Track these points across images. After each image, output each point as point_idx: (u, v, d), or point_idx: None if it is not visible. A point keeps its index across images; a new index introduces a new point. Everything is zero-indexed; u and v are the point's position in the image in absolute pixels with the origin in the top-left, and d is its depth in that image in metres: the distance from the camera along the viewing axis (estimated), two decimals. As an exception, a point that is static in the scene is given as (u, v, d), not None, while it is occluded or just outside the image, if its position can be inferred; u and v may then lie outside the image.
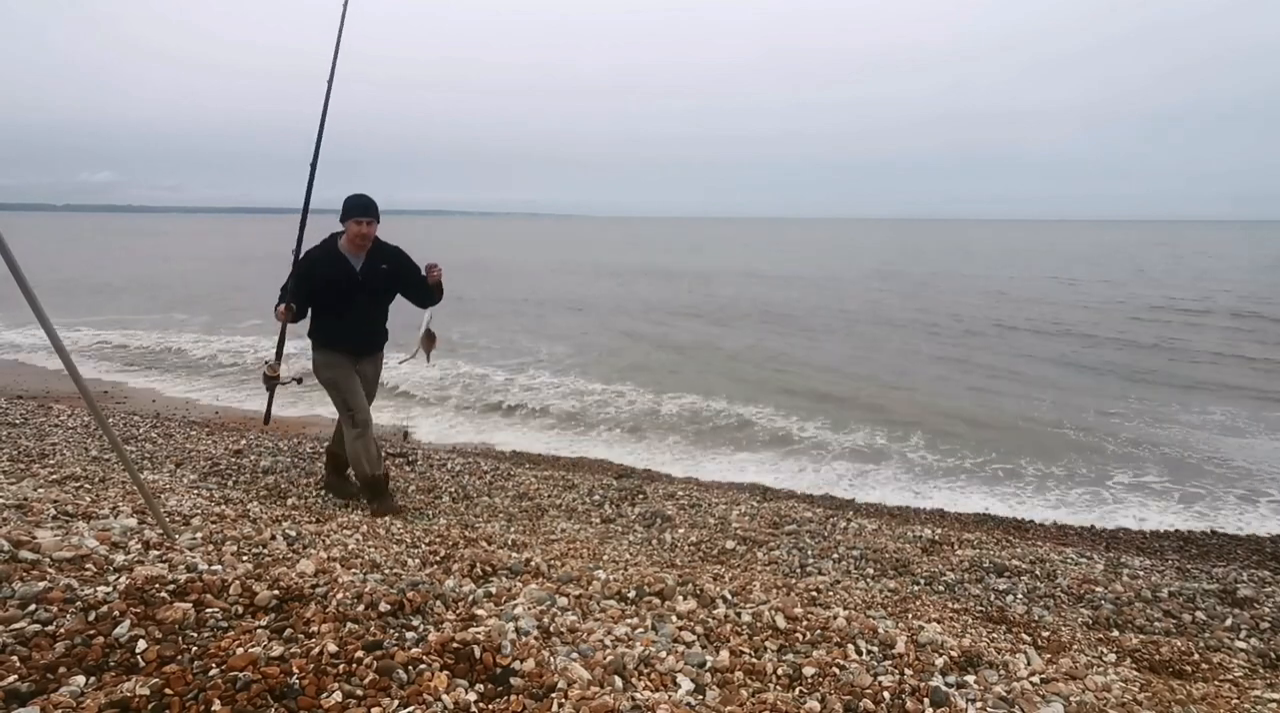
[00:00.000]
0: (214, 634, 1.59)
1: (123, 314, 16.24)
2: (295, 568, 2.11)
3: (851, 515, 4.65)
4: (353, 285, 3.87)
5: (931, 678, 1.72)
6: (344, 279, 3.85)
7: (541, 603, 2.01)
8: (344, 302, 3.88)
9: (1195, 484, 6.54)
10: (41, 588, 1.66)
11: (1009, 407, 9.28)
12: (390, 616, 1.78)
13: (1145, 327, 15.91)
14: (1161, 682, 2.04)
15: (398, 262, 4.00)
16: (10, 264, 1.85)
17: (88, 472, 3.72)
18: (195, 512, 3.05)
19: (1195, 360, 12.33)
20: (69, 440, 4.92)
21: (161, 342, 12.90)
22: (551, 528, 3.99)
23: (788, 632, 2.00)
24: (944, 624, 2.30)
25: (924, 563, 3.53)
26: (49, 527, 2.25)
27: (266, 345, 12.93)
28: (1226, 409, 9.12)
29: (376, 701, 1.38)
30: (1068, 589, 3.13)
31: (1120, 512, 5.97)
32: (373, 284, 3.92)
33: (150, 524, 2.45)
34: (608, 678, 1.56)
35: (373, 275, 3.90)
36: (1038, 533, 5.27)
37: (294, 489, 4.33)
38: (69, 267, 28.54)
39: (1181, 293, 22.67)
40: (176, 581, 1.80)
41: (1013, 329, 15.74)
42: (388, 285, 3.99)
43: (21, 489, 2.99)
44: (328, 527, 3.21)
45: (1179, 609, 2.91)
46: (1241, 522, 5.77)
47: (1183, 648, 2.36)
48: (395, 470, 5.20)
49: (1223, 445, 7.67)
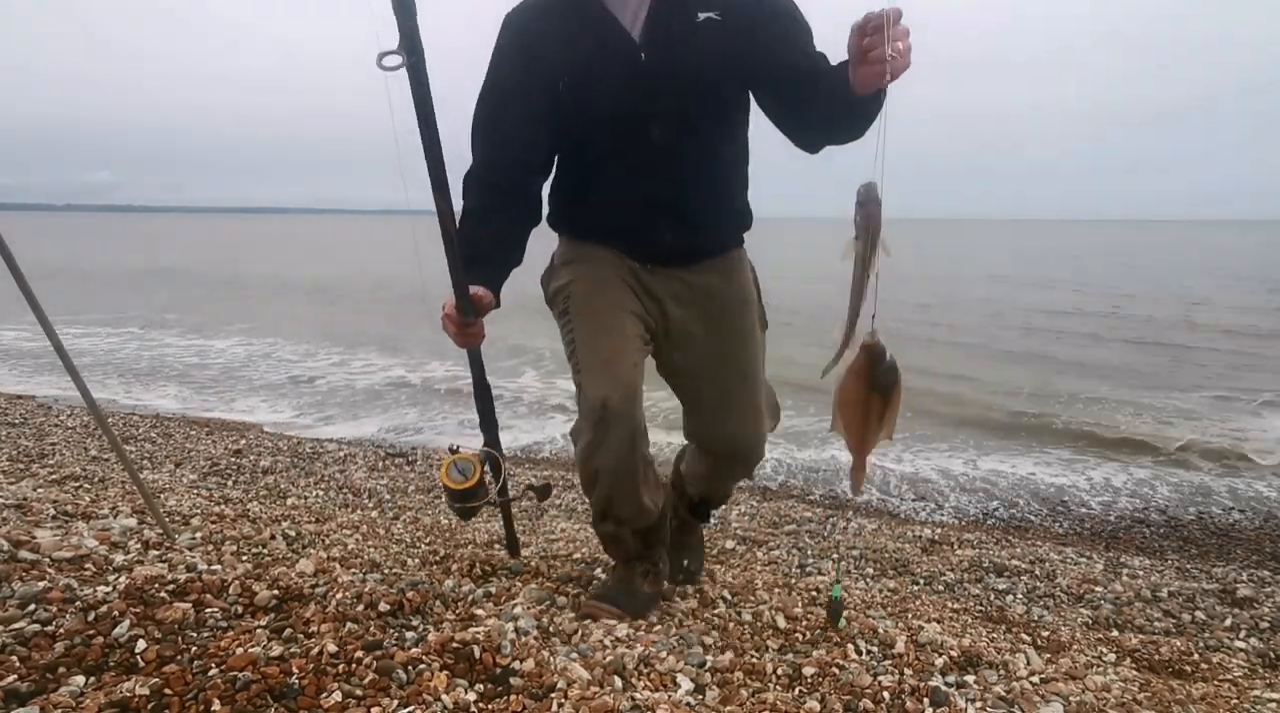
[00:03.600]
0: (214, 634, 1.59)
1: (115, 312, 16.23)
2: (295, 568, 2.10)
3: (851, 515, 4.65)
4: (627, 73, 1.67)
5: (931, 678, 1.72)
6: (602, 59, 1.68)
7: (541, 603, 2.01)
8: (604, 123, 1.72)
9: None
10: (41, 588, 1.66)
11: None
12: (390, 615, 1.78)
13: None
14: (1161, 682, 2.04)
15: (754, 5, 1.68)
16: (10, 264, 1.85)
17: (87, 471, 3.72)
18: (195, 512, 3.05)
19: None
20: (68, 440, 4.91)
21: (159, 341, 12.90)
22: (551, 528, 3.99)
23: (788, 632, 2.01)
24: (944, 624, 2.30)
25: (923, 563, 3.53)
26: (48, 527, 2.25)
27: (266, 342, 12.92)
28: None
29: (376, 701, 1.38)
30: (1067, 589, 3.13)
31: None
32: (679, 68, 1.67)
33: (150, 524, 2.45)
34: (607, 678, 1.56)
35: (677, 44, 1.66)
36: (1037, 533, 5.27)
37: (294, 489, 4.33)
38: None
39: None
40: (176, 580, 1.80)
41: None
42: (721, 74, 1.69)
43: (21, 489, 2.99)
44: (327, 526, 3.21)
45: (1179, 609, 2.91)
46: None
47: (1182, 648, 2.36)
48: (395, 470, 5.20)
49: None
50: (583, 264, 1.88)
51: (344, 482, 4.65)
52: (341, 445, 6.27)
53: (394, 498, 4.33)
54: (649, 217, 1.80)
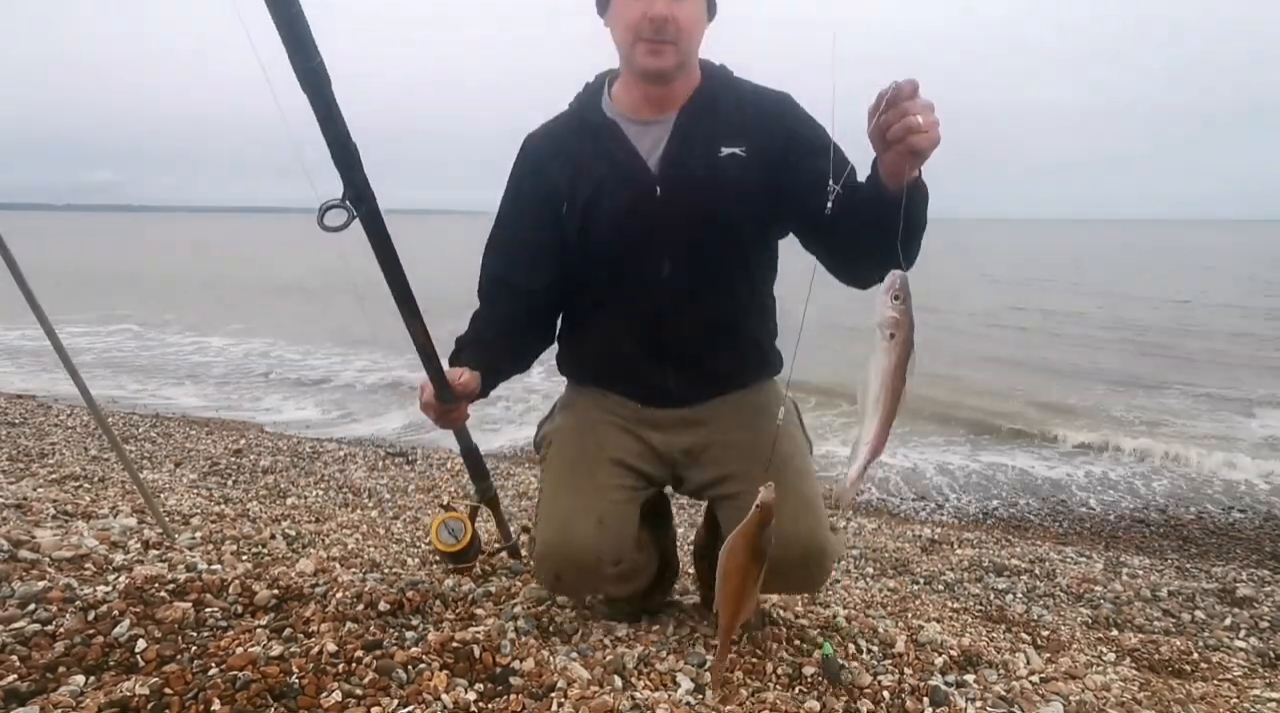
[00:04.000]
0: (213, 634, 1.59)
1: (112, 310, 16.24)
2: (295, 567, 2.10)
3: (851, 515, 4.65)
4: (640, 206, 1.58)
5: (931, 678, 1.72)
6: (614, 190, 1.59)
7: (541, 603, 2.01)
8: (611, 258, 1.63)
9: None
10: (41, 588, 1.66)
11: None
12: (390, 615, 1.78)
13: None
14: (1161, 681, 2.04)
15: (779, 134, 1.58)
16: (10, 264, 1.85)
17: (87, 471, 3.72)
18: (195, 511, 3.05)
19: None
20: (68, 440, 4.91)
21: (157, 340, 12.90)
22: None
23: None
24: (943, 624, 2.30)
25: (923, 562, 3.53)
26: (48, 526, 2.25)
27: (262, 343, 12.92)
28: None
29: (376, 700, 1.38)
30: (1067, 588, 3.13)
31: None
32: (695, 206, 1.58)
33: (150, 524, 2.45)
34: (607, 678, 1.56)
35: (695, 179, 1.57)
36: (1037, 532, 5.28)
37: (294, 489, 4.33)
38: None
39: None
40: (176, 580, 1.80)
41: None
42: (741, 214, 1.59)
43: (21, 489, 2.99)
44: (327, 526, 3.21)
45: (1178, 609, 2.91)
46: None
47: (1182, 648, 2.36)
48: (394, 470, 5.20)
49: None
50: (575, 411, 1.80)
51: (344, 481, 4.65)
52: (341, 445, 6.27)
53: (394, 498, 4.33)
54: (655, 361, 1.68)
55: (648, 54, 1.51)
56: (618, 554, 1.63)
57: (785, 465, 1.61)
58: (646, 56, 1.51)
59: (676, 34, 1.49)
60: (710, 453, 1.71)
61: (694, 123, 1.59)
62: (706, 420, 1.71)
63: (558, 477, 1.72)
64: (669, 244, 1.59)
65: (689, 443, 1.72)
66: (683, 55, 1.53)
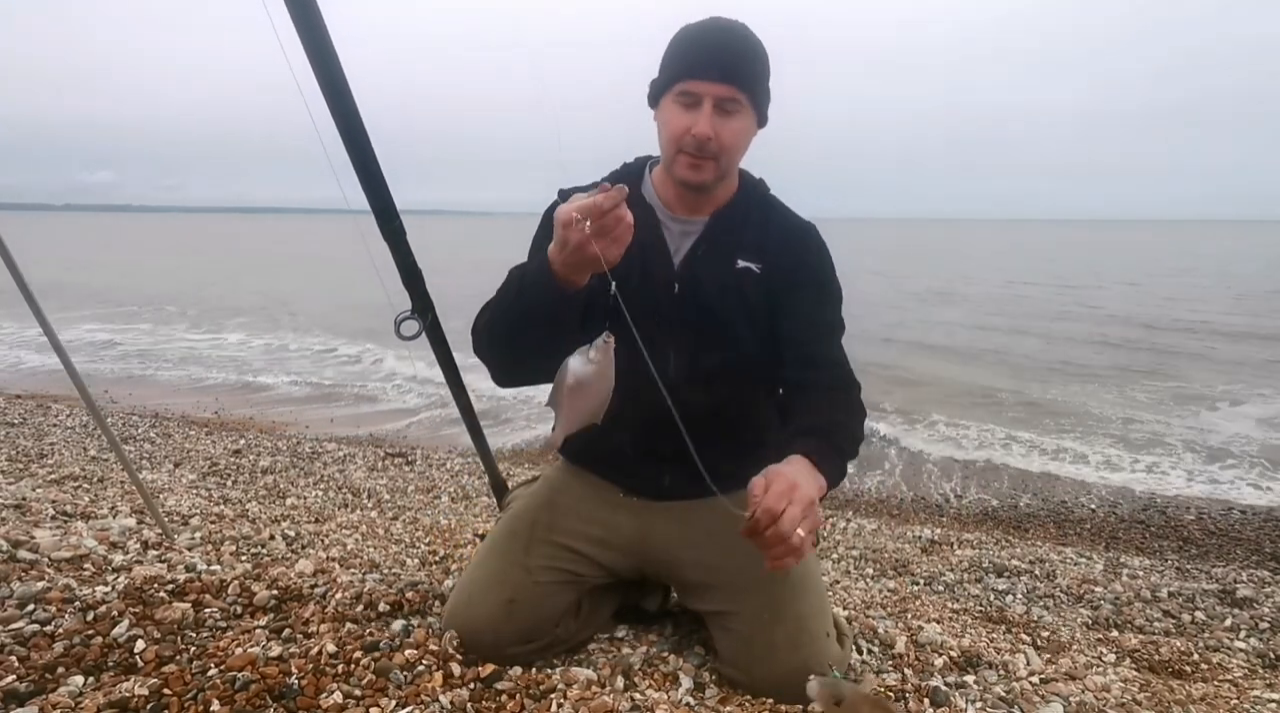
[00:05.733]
0: (213, 634, 1.59)
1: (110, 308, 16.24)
2: (294, 568, 2.10)
3: (851, 515, 4.65)
4: (659, 296, 1.60)
5: (931, 678, 1.72)
6: (638, 272, 1.57)
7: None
8: (629, 339, 1.35)
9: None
10: (40, 588, 1.66)
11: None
12: (389, 616, 1.78)
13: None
14: (1161, 682, 2.03)
15: (790, 257, 1.64)
16: (10, 265, 1.85)
17: (86, 471, 3.72)
18: (194, 512, 3.05)
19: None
20: (67, 440, 4.91)
21: (157, 339, 12.90)
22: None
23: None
24: (944, 624, 2.30)
25: (923, 563, 3.53)
26: (47, 527, 2.25)
27: (258, 343, 12.92)
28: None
29: (375, 701, 1.38)
30: (1067, 589, 3.13)
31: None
32: (706, 312, 1.62)
33: (149, 524, 2.45)
34: (607, 678, 1.56)
35: (711, 286, 1.61)
36: (1037, 533, 5.27)
37: (293, 489, 4.33)
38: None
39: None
40: (175, 580, 1.80)
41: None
42: (745, 328, 1.64)
43: (20, 489, 2.99)
44: (326, 526, 3.21)
45: (1178, 609, 2.91)
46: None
47: (1182, 648, 2.36)
48: (394, 470, 5.20)
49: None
50: (550, 486, 1.79)
51: (343, 482, 4.65)
52: (341, 445, 6.27)
53: (393, 498, 4.33)
54: (649, 453, 1.66)
55: (687, 168, 1.52)
56: (525, 635, 1.60)
57: (782, 579, 1.57)
58: (686, 169, 1.53)
59: (718, 151, 1.50)
60: (695, 554, 1.68)
61: (722, 231, 1.62)
62: (694, 518, 1.68)
63: (491, 545, 1.73)
64: (677, 340, 1.60)
65: (674, 535, 1.69)
66: (722, 171, 1.56)
